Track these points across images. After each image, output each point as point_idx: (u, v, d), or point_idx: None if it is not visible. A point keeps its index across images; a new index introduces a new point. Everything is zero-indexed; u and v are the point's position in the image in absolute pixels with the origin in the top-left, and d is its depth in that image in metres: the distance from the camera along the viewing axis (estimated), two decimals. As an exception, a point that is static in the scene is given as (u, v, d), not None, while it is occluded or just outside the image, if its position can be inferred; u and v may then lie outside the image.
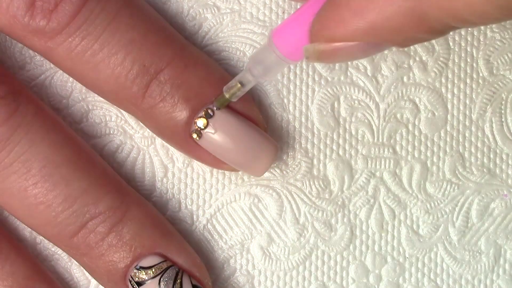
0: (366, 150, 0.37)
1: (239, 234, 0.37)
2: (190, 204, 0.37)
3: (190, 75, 0.34)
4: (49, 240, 0.34)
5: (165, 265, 0.34)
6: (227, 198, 0.37)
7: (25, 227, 0.36)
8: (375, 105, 0.37)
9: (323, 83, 0.37)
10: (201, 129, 0.34)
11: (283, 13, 0.37)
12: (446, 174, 0.38)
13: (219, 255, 0.37)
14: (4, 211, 0.36)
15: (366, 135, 0.37)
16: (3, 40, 0.36)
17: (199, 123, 0.34)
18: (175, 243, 0.35)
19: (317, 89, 0.37)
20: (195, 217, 0.37)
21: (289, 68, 0.37)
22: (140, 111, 0.34)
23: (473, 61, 0.38)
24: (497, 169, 0.38)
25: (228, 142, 0.34)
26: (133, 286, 0.34)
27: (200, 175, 0.37)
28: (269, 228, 0.37)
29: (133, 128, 0.37)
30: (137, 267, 0.34)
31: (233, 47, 0.37)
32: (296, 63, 0.34)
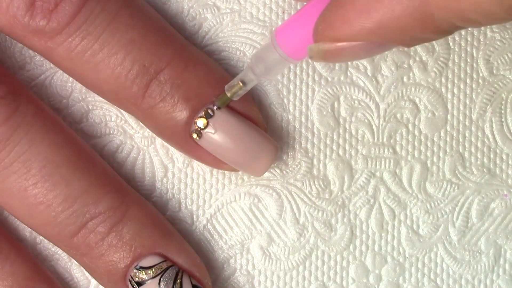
0: (366, 150, 0.37)
1: (239, 234, 0.37)
2: (190, 204, 0.37)
3: (190, 75, 0.34)
4: (49, 240, 0.34)
5: (165, 265, 0.34)
6: (227, 198, 0.37)
7: (25, 227, 0.36)
8: (375, 105, 0.37)
9: (323, 83, 0.37)
10: (201, 129, 0.34)
11: (283, 13, 0.37)
12: (446, 174, 0.38)
13: (219, 255, 0.37)
14: (4, 211, 0.36)
15: (366, 135, 0.37)
16: (3, 40, 0.36)
17: (199, 123, 0.34)
18: (175, 243, 0.35)
19: (317, 89, 0.37)
20: (195, 217, 0.37)
21: (289, 68, 0.37)
22: (140, 111, 0.34)
23: (473, 61, 0.38)
24: (497, 169, 0.38)
25: (228, 142, 0.34)
26: (133, 286, 0.34)
27: (200, 175, 0.37)
28: (269, 228, 0.37)
29: (133, 128, 0.37)
30: (137, 267, 0.34)
31: (233, 47, 0.37)
32: (298, 62, 0.34)
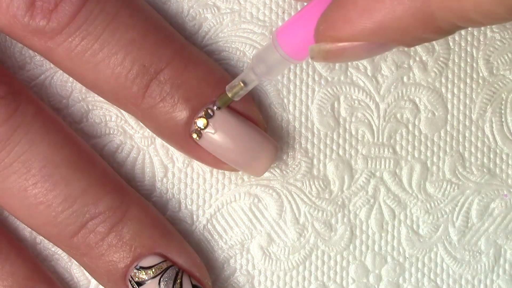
0: (366, 150, 0.37)
1: (239, 234, 0.37)
2: (190, 204, 0.37)
3: (190, 75, 0.34)
4: (49, 240, 0.34)
5: (165, 265, 0.34)
6: (227, 198, 0.37)
7: (25, 227, 0.36)
8: (375, 105, 0.37)
9: (323, 83, 0.37)
10: (201, 129, 0.34)
11: (283, 13, 0.37)
12: (446, 174, 0.38)
13: (219, 255, 0.37)
14: (4, 211, 0.36)
15: (366, 135, 0.37)
16: (3, 40, 0.36)
17: (199, 123, 0.34)
18: (175, 243, 0.35)
19: (317, 89, 0.37)
20: (195, 217, 0.37)
21: (289, 68, 0.37)
22: (140, 111, 0.34)
23: (473, 61, 0.38)
24: (497, 169, 0.38)
25: (228, 142, 0.34)
26: (133, 286, 0.34)
27: (200, 175, 0.37)
28: (269, 228, 0.37)
29: (133, 128, 0.37)
30: (137, 267, 0.34)
31: (233, 47, 0.37)
32: (299, 62, 0.34)
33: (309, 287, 0.37)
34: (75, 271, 0.37)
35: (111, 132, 0.37)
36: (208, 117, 0.34)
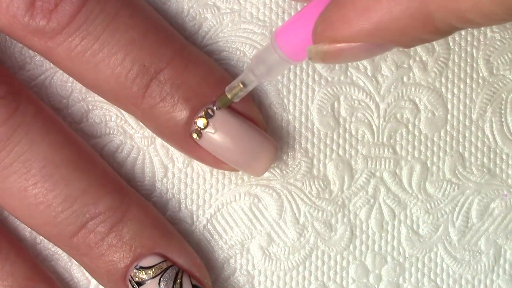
0: (366, 150, 0.37)
1: (239, 234, 0.37)
2: (190, 204, 0.37)
3: (190, 75, 0.34)
4: (49, 240, 0.34)
5: (165, 265, 0.34)
6: (227, 198, 0.37)
7: (25, 227, 0.36)
8: (375, 105, 0.37)
9: (323, 83, 0.37)
10: (201, 129, 0.34)
11: (283, 13, 0.37)
12: (446, 174, 0.38)
13: (219, 255, 0.37)
14: (4, 211, 0.36)
15: (366, 135, 0.37)
16: (3, 40, 0.36)
17: (199, 123, 0.34)
18: (175, 243, 0.35)
19: (317, 89, 0.37)
20: (195, 217, 0.37)
21: (289, 68, 0.37)
22: (140, 111, 0.34)
23: (473, 61, 0.38)
24: (497, 169, 0.38)
25: (228, 142, 0.34)
26: (133, 286, 0.34)
27: (200, 175, 0.37)
28: (269, 228, 0.37)
29: (133, 128, 0.37)
30: (137, 267, 0.34)
31: (233, 47, 0.37)
32: (298, 63, 0.34)
33: (309, 287, 0.37)
34: (75, 271, 0.37)
35: (111, 132, 0.37)
36: (208, 117, 0.34)
